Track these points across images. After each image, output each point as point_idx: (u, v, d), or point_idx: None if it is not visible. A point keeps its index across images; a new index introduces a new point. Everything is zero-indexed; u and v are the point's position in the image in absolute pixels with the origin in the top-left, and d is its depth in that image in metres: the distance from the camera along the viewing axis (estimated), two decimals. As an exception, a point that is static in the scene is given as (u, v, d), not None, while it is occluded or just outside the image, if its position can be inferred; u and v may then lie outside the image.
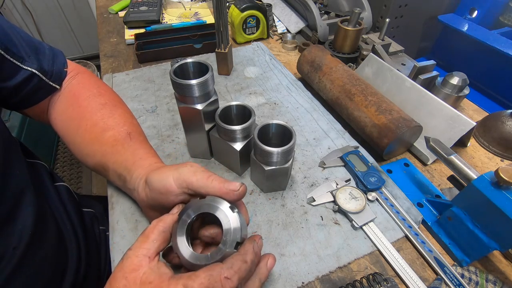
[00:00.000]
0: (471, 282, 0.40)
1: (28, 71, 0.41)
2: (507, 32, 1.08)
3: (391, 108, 0.53)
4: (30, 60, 0.42)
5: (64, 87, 0.47)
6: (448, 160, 0.44)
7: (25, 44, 0.42)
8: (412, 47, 1.21)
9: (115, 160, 0.42)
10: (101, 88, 0.49)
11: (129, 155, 0.41)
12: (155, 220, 0.30)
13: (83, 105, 0.45)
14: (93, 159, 0.44)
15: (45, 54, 0.44)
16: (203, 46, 0.80)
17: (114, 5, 1.03)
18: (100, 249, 0.57)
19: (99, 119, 0.44)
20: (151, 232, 0.29)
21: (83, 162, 0.46)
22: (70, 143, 0.46)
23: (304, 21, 0.91)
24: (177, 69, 0.44)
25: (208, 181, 0.32)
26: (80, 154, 0.45)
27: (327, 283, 0.39)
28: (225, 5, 0.61)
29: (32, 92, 0.43)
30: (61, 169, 1.74)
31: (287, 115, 0.63)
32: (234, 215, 0.30)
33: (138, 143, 0.44)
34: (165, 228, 0.30)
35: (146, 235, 0.29)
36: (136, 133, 0.45)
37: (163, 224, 0.30)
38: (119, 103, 0.49)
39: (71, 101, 0.46)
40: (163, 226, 0.30)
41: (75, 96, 0.46)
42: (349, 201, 0.46)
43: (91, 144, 0.43)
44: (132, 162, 0.40)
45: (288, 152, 0.42)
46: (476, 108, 0.68)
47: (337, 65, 0.63)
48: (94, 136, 0.43)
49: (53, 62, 0.45)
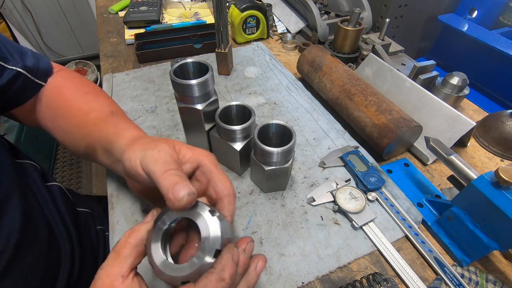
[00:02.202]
0: (471, 282, 0.40)
1: (14, 70, 0.41)
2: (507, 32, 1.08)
3: (391, 108, 0.53)
4: (14, 59, 0.42)
5: (48, 82, 0.47)
6: (448, 160, 0.44)
7: (7, 45, 0.42)
8: (412, 47, 1.21)
9: (99, 136, 0.40)
10: (84, 80, 0.50)
11: (111, 128, 0.40)
12: (128, 231, 0.28)
13: (67, 94, 0.46)
14: (81, 143, 0.43)
15: (28, 55, 0.45)
16: (203, 46, 0.80)
17: (114, 5, 1.03)
18: (98, 249, 0.57)
19: (83, 103, 0.45)
20: (123, 247, 0.26)
21: (75, 152, 0.46)
22: (58, 133, 0.46)
23: (304, 21, 0.91)
24: (177, 69, 0.44)
25: (161, 177, 0.28)
26: (70, 142, 0.45)
27: (327, 283, 0.39)
28: (225, 5, 0.61)
29: (19, 91, 0.43)
30: (61, 169, 1.74)
31: (287, 115, 0.63)
32: (214, 220, 0.27)
33: (120, 118, 0.44)
34: (138, 241, 0.27)
35: (117, 251, 0.26)
36: (119, 112, 0.46)
37: (136, 236, 0.27)
38: (102, 92, 0.50)
39: (55, 92, 0.46)
40: (136, 239, 0.27)
41: (59, 88, 0.47)
42: (349, 201, 0.46)
43: (78, 128, 0.43)
44: (114, 133, 0.38)
45: (288, 152, 0.42)
46: (476, 108, 0.68)
47: (337, 65, 0.63)
48: (80, 120, 0.43)
49: (37, 61, 0.45)
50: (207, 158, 0.33)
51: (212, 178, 0.32)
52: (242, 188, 0.50)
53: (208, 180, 0.33)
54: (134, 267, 0.27)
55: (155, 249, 0.26)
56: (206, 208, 0.27)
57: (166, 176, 0.28)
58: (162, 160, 0.29)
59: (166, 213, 0.28)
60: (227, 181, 0.32)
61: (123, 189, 0.49)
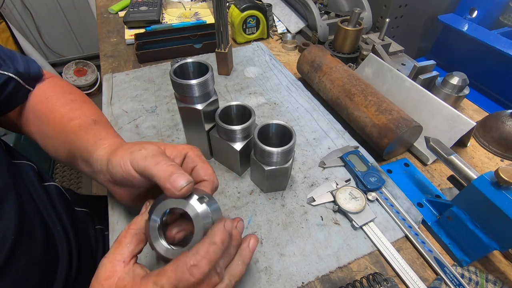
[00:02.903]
0: (471, 282, 0.40)
1: (5, 75, 0.41)
2: (507, 32, 1.08)
3: (391, 108, 0.53)
4: (5, 64, 0.42)
5: (36, 87, 0.47)
6: (448, 160, 0.44)
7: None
8: (412, 47, 1.21)
9: (79, 145, 0.40)
10: (72, 88, 0.50)
11: (90, 137, 0.40)
12: (127, 225, 0.30)
13: (53, 100, 0.46)
14: (63, 149, 0.43)
15: (18, 60, 0.45)
16: (203, 46, 0.80)
17: (114, 5, 1.03)
18: (96, 249, 0.57)
19: (68, 110, 0.45)
20: (124, 237, 0.29)
21: (57, 158, 0.46)
22: (41, 139, 0.46)
23: (304, 21, 0.91)
24: (177, 69, 0.44)
25: (155, 169, 0.29)
26: (52, 149, 0.45)
27: (327, 283, 0.39)
28: (225, 5, 0.61)
29: (9, 97, 0.43)
30: (61, 169, 1.74)
31: (287, 115, 0.63)
32: (203, 206, 0.29)
33: (102, 127, 0.43)
34: (137, 230, 0.29)
35: (119, 241, 0.29)
36: (102, 121, 0.45)
37: (135, 226, 0.30)
38: (89, 101, 0.50)
39: (41, 98, 0.46)
40: (135, 229, 0.29)
41: (45, 93, 0.47)
42: (349, 201, 0.46)
43: (60, 135, 0.43)
44: (93, 143, 0.39)
45: (288, 152, 0.42)
46: (476, 108, 0.68)
47: (337, 65, 0.63)
48: (62, 128, 0.43)
49: (28, 66, 0.45)
50: (191, 150, 0.36)
51: (196, 167, 0.35)
52: (242, 188, 0.50)
53: (191, 168, 0.35)
54: (135, 255, 0.29)
55: (155, 239, 0.29)
56: (195, 197, 0.29)
57: (160, 167, 0.29)
58: (151, 154, 0.31)
59: (158, 204, 0.29)
60: (209, 169, 0.35)
61: (123, 189, 0.49)
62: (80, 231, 0.53)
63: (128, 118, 0.62)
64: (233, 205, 0.47)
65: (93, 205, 0.63)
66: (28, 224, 0.42)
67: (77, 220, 0.54)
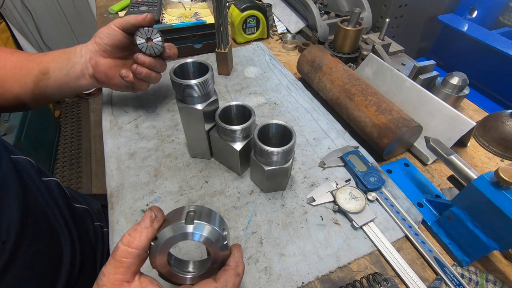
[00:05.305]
0: (471, 282, 0.40)
1: None
2: (507, 32, 1.08)
3: (391, 108, 0.53)
4: None
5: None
6: (448, 160, 0.44)
7: None
8: (412, 47, 1.21)
9: (48, 61, 0.51)
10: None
11: (50, 55, 0.52)
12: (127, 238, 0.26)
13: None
14: (31, 74, 0.51)
15: None
16: (203, 46, 0.80)
17: (114, 5, 1.03)
18: (96, 245, 0.57)
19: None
20: (124, 257, 0.26)
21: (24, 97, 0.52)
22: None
23: (304, 21, 0.91)
24: (177, 69, 0.44)
25: (126, 18, 0.51)
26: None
27: (327, 283, 0.39)
28: (225, 5, 0.61)
29: None
30: (61, 169, 1.74)
31: (287, 115, 0.63)
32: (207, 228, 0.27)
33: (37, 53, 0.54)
34: (140, 251, 0.26)
35: (118, 260, 0.26)
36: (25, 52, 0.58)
37: (137, 246, 0.26)
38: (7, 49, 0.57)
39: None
40: (137, 249, 0.26)
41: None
42: (349, 201, 0.46)
43: (15, 73, 0.51)
44: (63, 51, 0.52)
45: (288, 152, 0.42)
46: (476, 108, 0.68)
47: (337, 65, 0.63)
48: (14, 65, 0.51)
49: None
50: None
51: None
52: (242, 188, 0.50)
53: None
54: (138, 271, 0.27)
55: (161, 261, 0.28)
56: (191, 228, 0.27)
57: (128, 17, 0.51)
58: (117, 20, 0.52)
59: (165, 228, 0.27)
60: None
61: (123, 189, 0.49)
62: (80, 227, 0.53)
63: (128, 118, 0.62)
64: (233, 205, 0.47)
65: (91, 202, 0.63)
66: (32, 215, 0.42)
67: (77, 215, 0.54)
